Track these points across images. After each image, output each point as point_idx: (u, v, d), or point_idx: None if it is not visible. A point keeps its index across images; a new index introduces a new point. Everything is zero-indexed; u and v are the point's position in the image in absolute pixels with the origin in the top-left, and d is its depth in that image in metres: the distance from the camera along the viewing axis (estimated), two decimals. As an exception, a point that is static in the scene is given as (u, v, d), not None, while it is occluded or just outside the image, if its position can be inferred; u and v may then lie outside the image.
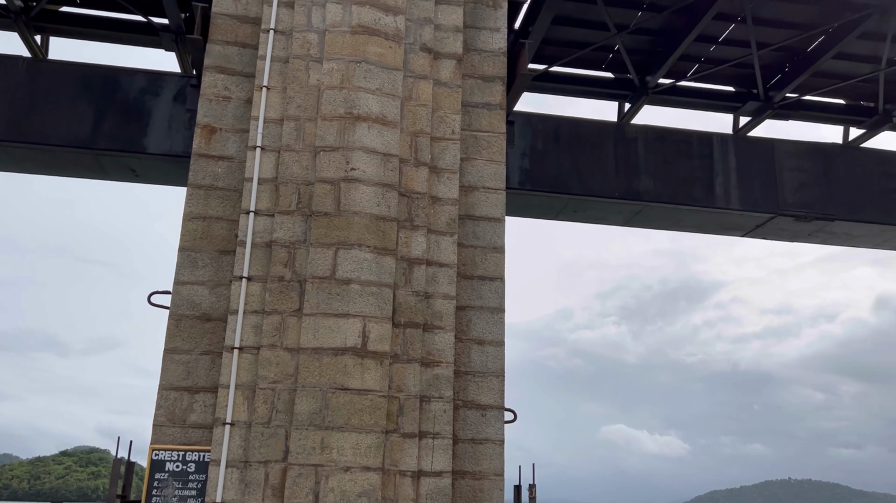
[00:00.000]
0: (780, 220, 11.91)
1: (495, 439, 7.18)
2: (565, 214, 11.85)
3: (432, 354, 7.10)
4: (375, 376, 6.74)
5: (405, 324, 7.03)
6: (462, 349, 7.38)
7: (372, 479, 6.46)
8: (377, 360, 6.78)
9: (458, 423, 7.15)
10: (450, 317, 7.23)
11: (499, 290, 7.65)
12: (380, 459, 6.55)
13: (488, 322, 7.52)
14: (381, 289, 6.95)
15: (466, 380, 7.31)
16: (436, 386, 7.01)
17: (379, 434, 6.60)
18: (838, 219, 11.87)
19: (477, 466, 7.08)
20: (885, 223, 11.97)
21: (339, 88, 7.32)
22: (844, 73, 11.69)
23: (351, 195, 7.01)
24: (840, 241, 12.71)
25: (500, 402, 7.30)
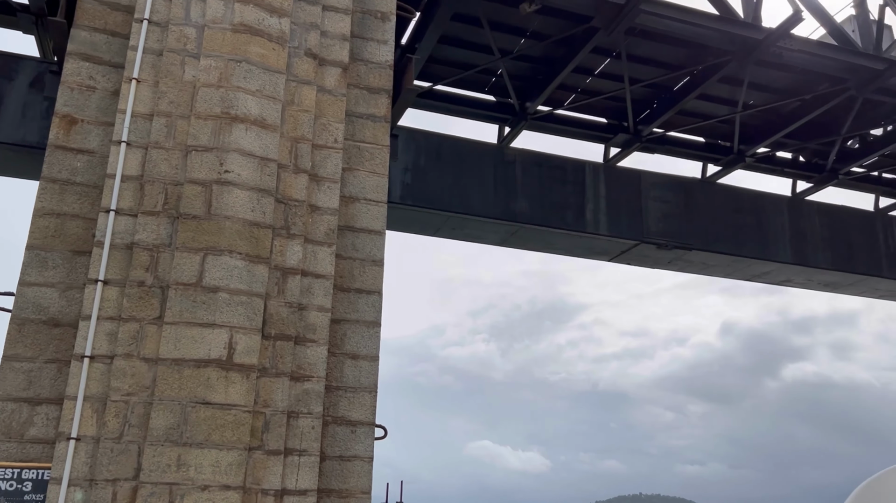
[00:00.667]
0: (644, 247, 12.56)
1: (364, 456, 7.01)
2: (444, 231, 11.93)
3: (303, 368, 6.86)
4: (241, 390, 6.41)
5: (276, 336, 6.76)
6: (335, 363, 7.19)
7: (231, 499, 6.12)
8: (243, 374, 6.46)
9: (327, 440, 6.94)
10: (324, 330, 7.02)
11: (376, 304, 7.53)
12: (241, 477, 6.22)
13: (364, 336, 7.37)
14: (252, 298, 6.65)
15: (338, 396, 7.12)
16: (305, 401, 6.77)
17: (242, 451, 6.27)
18: (695, 248, 12.66)
19: (344, 484, 6.88)
20: (735, 254, 12.89)
21: (217, 87, 6.99)
22: (705, 112, 12.55)
23: (223, 199, 6.68)
24: (696, 269, 13.56)
25: (372, 419, 7.16)
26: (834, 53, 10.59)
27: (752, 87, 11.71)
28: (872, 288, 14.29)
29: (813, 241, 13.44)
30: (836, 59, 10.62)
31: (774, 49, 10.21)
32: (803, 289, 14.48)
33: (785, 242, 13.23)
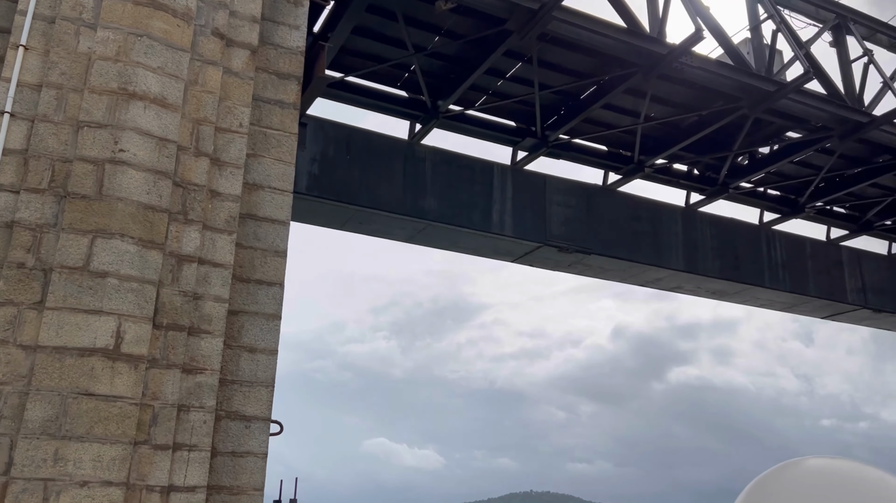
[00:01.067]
0: (546, 249, 12.83)
1: (258, 452, 6.81)
2: (351, 225, 11.78)
3: (196, 360, 6.58)
4: (128, 381, 6.09)
5: (168, 326, 6.46)
6: (231, 356, 6.94)
7: (113, 495, 5.80)
8: (131, 364, 6.13)
9: (220, 435, 6.69)
10: (220, 321, 6.77)
11: (277, 297, 7.32)
12: (125, 473, 5.90)
13: (262, 329, 7.15)
14: (144, 285, 6.33)
15: (233, 390, 6.88)
16: (197, 394, 6.51)
17: (126, 445, 5.96)
18: (594, 253, 13.04)
19: (236, 481, 6.65)
20: (631, 260, 13.36)
21: (114, 61, 6.60)
22: (609, 122, 12.96)
23: (117, 179, 6.32)
24: (594, 273, 13.98)
25: (267, 414, 6.96)
26: (730, 73, 11.15)
27: (654, 100, 12.18)
28: (754, 297, 15.16)
29: (703, 250, 14.12)
30: (732, 79, 11.20)
31: (676, 64, 10.65)
32: (692, 295, 15.20)
33: (678, 251, 13.83)
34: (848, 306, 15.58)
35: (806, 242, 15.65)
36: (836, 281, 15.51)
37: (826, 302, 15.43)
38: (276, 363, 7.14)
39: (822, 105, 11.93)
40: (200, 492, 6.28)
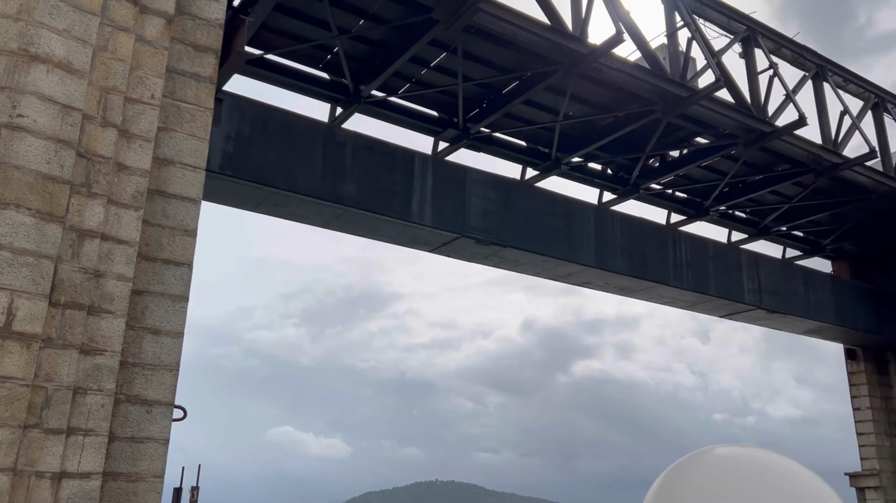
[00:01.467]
0: (464, 240, 12.89)
1: (159, 438, 6.55)
2: (266, 208, 11.48)
3: (96, 341, 6.26)
4: (19, 361, 5.73)
5: (66, 304, 6.12)
6: (133, 338, 6.64)
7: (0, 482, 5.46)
8: (23, 343, 5.78)
9: (118, 420, 6.40)
10: (123, 301, 6.46)
11: (184, 277, 7.05)
12: (12, 458, 5.56)
13: (168, 311, 6.87)
14: (40, 260, 5.97)
15: (134, 373, 6.59)
16: (95, 377, 6.20)
17: (15, 429, 5.61)
18: (510, 246, 13.20)
19: (134, 467, 6.38)
20: (546, 255, 13.60)
21: (15, 19, 6.17)
22: (529, 118, 13.13)
23: (14, 146, 5.92)
24: (509, 265, 14.16)
25: (171, 398, 6.70)
26: (647, 76, 11.49)
27: (573, 98, 12.42)
28: (659, 294, 15.73)
29: (613, 247, 14.53)
30: (648, 82, 11.55)
31: (596, 65, 10.89)
32: (601, 291, 15.63)
33: (589, 247, 14.17)
34: (745, 306, 16.40)
35: (709, 244, 16.36)
36: (734, 282, 16.28)
37: (725, 301, 16.18)
38: (182, 346, 6.89)
39: (730, 113, 12.48)
40: (95, 479, 6.00)
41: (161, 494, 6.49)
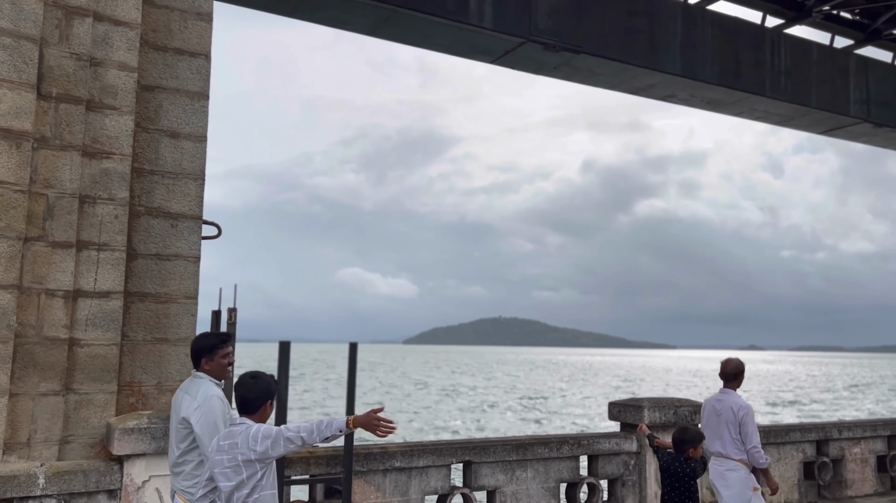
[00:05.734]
0: (530, 46, 11.26)
1: (188, 255, 5.75)
2: (303, 11, 10.06)
3: (100, 142, 5.32)
4: (9, 163, 4.86)
5: (59, 97, 5.13)
6: (148, 141, 5.68)
7: (3, 300, 4.76)
8: (12, 142, 4.87)
9: (139, 234, 5.58)
10: (128, 95, 5.44)
11: (202, 71, 5.94)
12: (15, 274, 4.83)
13: (186, 110, 5.84)
14: (20, 41, 4.92)
15: (153, 182, 5.68)
16: (105, 184, 5.31)
17: (14, 241, 4.83)
18: (584, 52, 11.52)
19: (163, 287, 5.64)
20: (625, 62, 11.89)
21: None
22: None
23: None
24: (581, 77, 12.55)
25: (197, 211, 5.83)
26: None
27: None
28: (751, 108, 13.94)
29: (703, 52, 12.67)
30: None
31: None
32: (685, 105, 13.93)
33: (675, 52, 12.36)
34: (849, 119, 14.47)
35: (813, 47, 14.21)
36: (839, 91, 14.28)
37: (827, 114, 14.27)
38: (206, 152, 5.91)
39: None
40: (116, 299, 5.27)
41: (196, 317, 5.78)
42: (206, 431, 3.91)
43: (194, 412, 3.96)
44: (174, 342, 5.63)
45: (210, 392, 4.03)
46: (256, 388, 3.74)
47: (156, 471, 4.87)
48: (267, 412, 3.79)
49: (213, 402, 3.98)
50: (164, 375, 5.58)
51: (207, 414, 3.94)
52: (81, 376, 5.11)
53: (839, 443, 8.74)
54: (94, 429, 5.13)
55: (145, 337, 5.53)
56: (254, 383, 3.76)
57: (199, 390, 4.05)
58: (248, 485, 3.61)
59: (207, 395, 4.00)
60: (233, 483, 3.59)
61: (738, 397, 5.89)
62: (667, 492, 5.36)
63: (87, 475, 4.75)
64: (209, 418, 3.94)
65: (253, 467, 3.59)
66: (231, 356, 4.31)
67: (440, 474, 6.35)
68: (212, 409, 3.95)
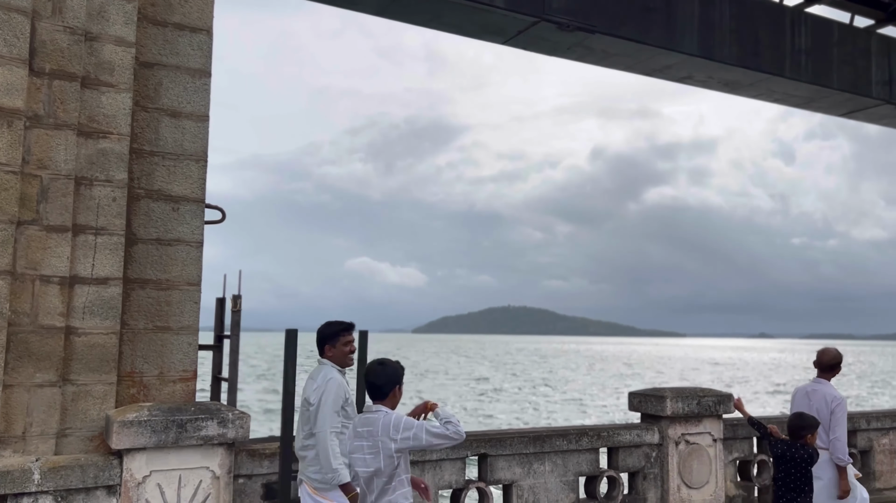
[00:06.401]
0: (544, 26, 10.92)
1: (191, 240, 5.50)
2: (308, -9, 9.76)
3: (97, 121, 5.06)
4: (1, 143, 4.61)
5: (53, 73, 4.87)
6: (148, 121, 5.42)
7: (-6, 287, 4.53)
8: (3, 120, 4.63)
9: (139, 218, 5.34)
10: (126, 71, 5.17)
11: (203, 47, 5.67)
12: (8, 259, 4.59)
13: (187, 88, 5.57)
14: (10, 14, 4.66)
15: (153, 163, 5.43)
16: (102, 165, 5.06)
17: (6, 224, 4.60)
18: (599, 31, 11.17)
19: (164, 273, 5.40)
20: (641, 42, 11.54)
21: None
22: None
23: None
24: (596, 58, 12.20)
25: (199, 194, 5.57)
26: None
27: None
28: (770, 89, 13.55)
29: (721, 32, 12.29)
30: None
31: None
32: (702, 87, 13.55)
33: (692, 32, 11.99)
34: (871, 100, 14.06)
35: (834, 26, 13.80)
36: (861, 72, 13.87)
37: (848, 95, 13.88)
38: (208, 132, 5.65)
39: None
40: (115, 285, 5.03)
41: (199, 304, 5.54)
42: (321, 410, 4.27)
43: (314, 392, 4.36)
44: (176, 330, 5.38)
45: (329, 375, 4.41)
46: (384, 375, 3.97)
47: (157, 465, 4.64)
48: (397, 397, 4.02)
49: (330, 384, 4.34)
50: (167, 365, 5.34)
51: (324, 394, 4.30)
52: (79, 366, 4.88)
53: (867, 434, 8.44)
54: (94, 421, 4.90)
55: (146, 325, 5.29)
56: (381, 370, 3.99)
57: (320, 374, 4.45)
58: (385, 474, 3.80)
59: (327, 378, 4.38)
60: (371, 469, 3.81)
61: (833, 388, 5.88)
62: (781, 479, 5.41)
63: (84, 470, 4.52)
64: (324, 398, 4.29)
65: (391, 456, 3.78)
66: (353, 344, 4.62)
67: (454, 467, 6.10)
68: (328, 390, 4.31)
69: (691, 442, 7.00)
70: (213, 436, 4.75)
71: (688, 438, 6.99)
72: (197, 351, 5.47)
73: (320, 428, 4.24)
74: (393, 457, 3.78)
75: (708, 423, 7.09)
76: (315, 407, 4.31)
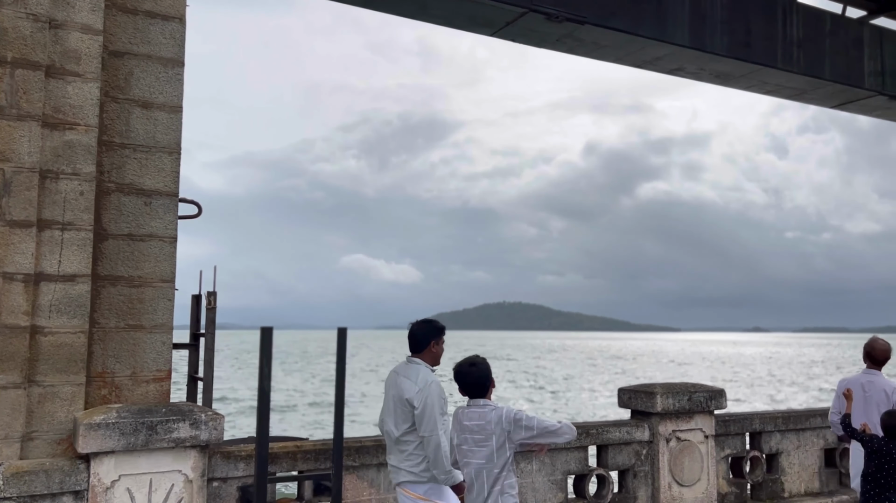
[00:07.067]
0: (532, 17, 10.75)
1: (164, 236, 5.32)
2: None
3: (63, 112, 4.88)
4: (-41, 134, 4.42)
5: (15, 62, 4.68)
6: (118, 112, 5.24)
7: (-46, 286, 4.34)
8: (-38, 111, 4.43)
9: (110, 213, 5.15)
10: (93, 60, 4.98)
11: (176, 35, 5.48)
12: (-33, 257, 4.40)
13: (159, 78, 5.39)
14: (-32, 0, 4.46)
15: (123, 156, 5.25)
16: (68, 157, 4.87)
17: (-35, 220, 4.41)
18: (588, 22, 11.00)
19: (136, 270, 5.21)
20: (631, 33, 11.37)
21: None
22: None
23: None
24: (586, 49, 12.05)
25: (173, 188, 5.39)
26: None
27: None
28: (762, 81, 13.41)
29: (712, 22, 12.14)
30: None
31: None
32: (693, 79, 13.41)
33: (683, 22, 11.83)
34: (864, 91, 13.93)
35: (826, 16, 13.65)
36: (854, 63, 13.74)
37: (841, 87, 13.73)
38: (181, 123, 5.46)
39: None
40: (83, 282, 4.84)
41: (173, 301, 5.36)
42: (428, 413, 4.28)
43: (416, 395, 4.34)
44: (150, 329, 5.21)
45: (430, 378, 4.43)
46: (478, 373, 4.23)
47: (127, 469, 4.46)
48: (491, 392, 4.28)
49: (433, 388, 4.36)
50: (140, 365, 5.16)
51: (428, 398, 4.31)
52: (45, 367, 4.70)
53: (861, 429, 8.30)
54: (61, 424, 4.72)
55: (118, 324, 5.11)
56: (474, 370, 4.24)
57: (418, 375, 4.44)
58: (498, 464, 3.98)
59: (428, 381, 4.40)
60: (483, 461, 3.99)
61: (888, 379, 5.93)
62: (872, 475, 5.44)
63: (49, 475, 4.34)
64: (429, 401, 4.31)
65: (503, 446, 3.97)
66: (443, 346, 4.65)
67: (439, 467, 5.93)
68: (431, 393, 4.33)
69: (682, 438, 6.86)
70: (186, 439, 4.58)
71: (679, 435, 6.85)
72: (171, 350, 5.30)
73: (430, 431, 4.30)
74: (506, 449, 3.98)
75: (699, 419, 6.95)
76: (419, 410, 4.33)
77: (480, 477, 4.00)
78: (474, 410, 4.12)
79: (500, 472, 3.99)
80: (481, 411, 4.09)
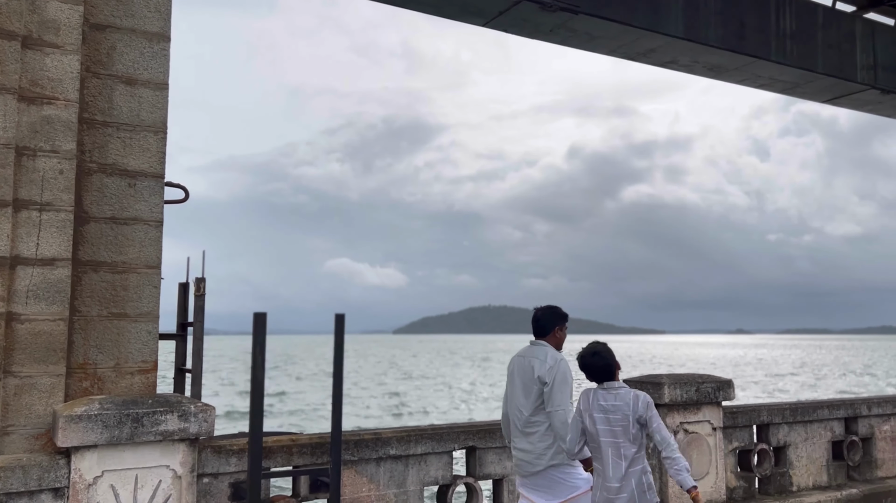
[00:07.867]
0: (525, 6, 10.55)
1: (149, 219, 5.03)
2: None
3: (41, 85, 4.58)
4: (-73, 106, 4.11)
5: (-11, 30, 4.38)
6: (100, 88, 4.94)
7: (-78, 268, 4.03)
8: (-69, 81, 4.13)
9: (92, 195, 4.86)
10: (73, 31, 4.70)
11: (161, 8, 5.20)
12: (-63, 237, 4.09)
13: (143, 53, 5.10)
14: (-63, -38, 4.17)
15: (106, 135, 4.95)
16: (47, 134, 4.58)
17: (-66, 198, 4.10)
18: (582, 12, 10.81)
19: (120, 255, 4.92)
20: (625, 23, 11.21)
21: None
22: None
23: None
24: (579, 41, 11.85)
25: (158, 169, 5.10)
26: None
27: None
28: (755, 74, 13.29)
29: (706, 14, 12.00)
30: None
31: None
32: (686, 72, 13.26)
33: (678, 14, 11.69)
34: (856, 85, 13.85)
35: (818, 9, 13.58)
36: (846, 56, 13.66)
37: (833, 80, 13.65)
38: (167, 101, 5.17)
39: None
40: (64, 267, 4.54)
41: (159, 289, 5.06)
42: (557, 389, 4.42)
43: (548, 372, 4.48)
44: (134, 317, 4.91)
45: (558, 356, 4.59)
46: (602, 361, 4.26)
47: (110, 464, 4.16)
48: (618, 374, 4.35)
49: (562, 365, 4.52)
50: (124, 355, 4.86)
51: (558, 374, 4.46)
52: (22, 356, 4.39)
53: (868, 421, 8.13)
54: (39, 417, 4.41)
55: (100, 312, 4.81)
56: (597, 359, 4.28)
57: (546, 354, 4.59)
58: (635, 444, 4.08)
59: (557, 358, 4.56)
60: (620, 440, 4.07)
61: None
62: None
63: (26, 471, 4.03)
64: (559, 377, 4.45)
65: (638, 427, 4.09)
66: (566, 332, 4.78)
67: (441, 462, 5.67)
68: (560, 370, 4.48)
69: (690, 431, 6.64)
70: (174, 431, 4.29)
71: (686, 427, 6.62)
72: (157, 340, 5.00)
73: (559, 405, 4.41)
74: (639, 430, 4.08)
75: (707, 411, 6.73)
76: (549, 386, 4.45)
77: (617, 454, 4.08)
78: (611, 392, 4.21)
79: (636, 453, 4.09)
80: (617, 392, 4.19)
